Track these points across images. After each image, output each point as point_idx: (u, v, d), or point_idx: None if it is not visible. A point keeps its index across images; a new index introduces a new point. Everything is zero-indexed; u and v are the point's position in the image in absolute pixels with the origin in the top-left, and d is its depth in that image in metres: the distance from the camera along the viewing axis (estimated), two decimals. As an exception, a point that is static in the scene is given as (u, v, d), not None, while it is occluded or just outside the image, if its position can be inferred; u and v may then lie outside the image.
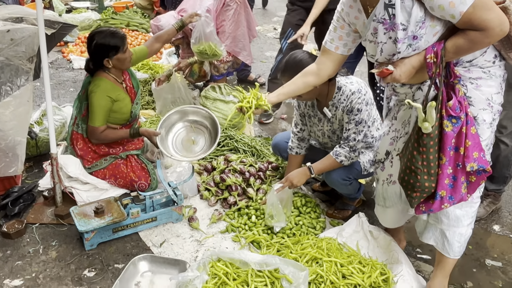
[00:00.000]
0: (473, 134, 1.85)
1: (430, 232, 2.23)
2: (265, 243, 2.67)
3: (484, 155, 1.87)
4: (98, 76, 2.97)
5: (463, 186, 1.93)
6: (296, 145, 2.96)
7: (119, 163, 3.11)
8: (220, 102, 4.03)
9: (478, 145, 1.86)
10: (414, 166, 1.93)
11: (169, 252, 2.65)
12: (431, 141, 1.86)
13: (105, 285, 2.37)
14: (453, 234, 2.14)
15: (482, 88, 1.92)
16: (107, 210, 2.67)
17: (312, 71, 2.32)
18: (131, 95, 3.12)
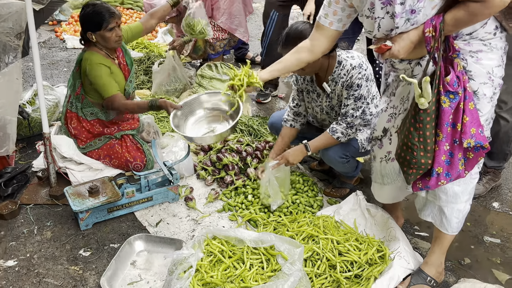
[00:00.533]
0: (471, 110, 1.83)
1: (428, 209, 2.23)
2: (261, 222, 2.69)
3: (482, 131, 1.86)
4: (89, 51, 2.95)
5: (460, 162, 1.92)
6: (291, 118, 2.95)
7: (113, 143, 3.10)
8: (216, 80, 4.00)
9: (476, 120, 1.84)
10: (410, 142, 1.93)
11: (165, 231, 2.67)
12: (427, 117, 1.84)
13: (100, 264, 2.39)
14: (451, 210, 2.14)
15: (482, 62, 1.89)
16: (102, 190, 2.67)
17: (305, 47, 2.28)
18: (124, 72, 3.09)
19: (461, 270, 2.47)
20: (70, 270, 2.35)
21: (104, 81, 2.89)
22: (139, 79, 4.60)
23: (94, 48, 2.95)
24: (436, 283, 2.27)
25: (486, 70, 1.90)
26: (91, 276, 2.31)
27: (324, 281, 2.18)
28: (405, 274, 2.32)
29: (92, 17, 2.84)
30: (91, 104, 3.05)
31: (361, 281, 2.21)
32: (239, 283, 1.93)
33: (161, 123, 3.88)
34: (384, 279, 2.21)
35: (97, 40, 2.90)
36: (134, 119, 3.29)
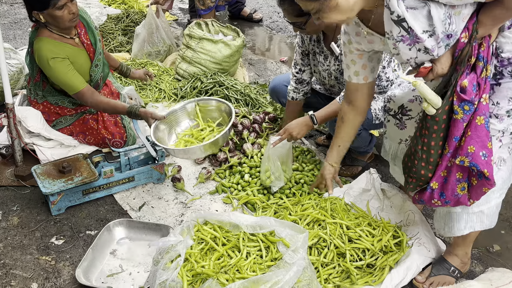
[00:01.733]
0: (478, 126, 1.80)
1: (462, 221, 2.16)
2: (260, 205, 2.70)
3: (486, 155, 1.81)
4: (39, 37, 2.78)
5: (460, 186, 1.92)
6: (292, 89, 2.94)
7: (87, 118, 3.07)
8: (207, 41, 3.96)
9: (480, 139, 1.81)
10: (414, 148, 1.96)
11: (150, 216, 2.69)
12: (435, 125, 1.84)
13: (76, 254, 2.42)
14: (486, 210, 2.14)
15: None
16: (75, 169, 2.67)
17: (350, 113, 2.31)
18: (89, 53, 2.96)
19: (490, 258, 2.50)
20: (41, 260, 2.38)
21: (64, 78, 2.78)
22: (116, 40, 4.55)
23: (46, 31, 2.79)
24: (460, 273, 2.30)
25: None
26: (65, 267, 2.34)
27: (332, 271, 2.21)
28: (425, 263, 2.35)
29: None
30: (55, 93, 2.97)
31: (374, 271, 2.24)
32: (234, 273, 1.95)
33: (143, 92, 3.87)
34: (401, 269, 2.24)
35: (47, 20, 2.74)
36: (113, 95, 3.24)
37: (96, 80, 3.01)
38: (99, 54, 2.98)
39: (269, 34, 5.33)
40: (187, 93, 3.76)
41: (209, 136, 2.86)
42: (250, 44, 5.04)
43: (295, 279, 1.84)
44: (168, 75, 4.11)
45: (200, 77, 3.85)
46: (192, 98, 3.70)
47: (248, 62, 4.62)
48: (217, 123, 2.95)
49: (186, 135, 2.94)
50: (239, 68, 4.34)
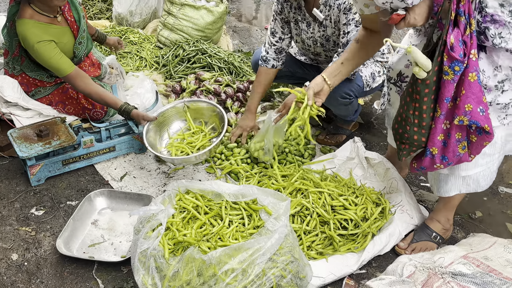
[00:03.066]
0: (471, 82, 1.78)
1: (449, 183, 2.21)
2: (244, 174, 2.71)
3: (483, 110, 1.81)
4: (21, 18, 2.68)
5: (461, 145, 1.92)
6: (272, 57, 2.89)
7: (67, 87, 3.01)
8: (189, 8, 3.88)
9: (475, 96, 1.80)
10: (405, 114, 1.95)
11: (132, 186, 2.68)
12: (425, 88, 1.83)
13: (56, 224, 2.41)
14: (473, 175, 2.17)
15: None
16: (53, 133, 2.63)
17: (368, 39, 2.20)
18: (73, 30, 2.91)
19: (472, 224, 2.55)
20: (20, 231, 2.37)
21: (52, 62, 2.72)
22: (96, 7, 4.45)
23: (28, 10, 2.69)
24: (442, 239, 2.35)
25: None
26: (45, 238, 2.34)
27: (315, 238, 2.24)
28: (407, 230, 2.39)
29: None
30: (34, 67, 2.90)
31: (357, 238, 2.27)
32: (216, 241, 1.97)
33: (124, 60, 3.81)
34: (383, 236, 2.28)
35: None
36: (94, 66, 3.17)
37: (80, 57, 2.98)
38: (83, 32, 2.93)
39: (254, 0, 5.25)
40: (169, 61, 3.71)
41: (203, 141, 2.81)
42: (234, 11, 4.96)
43: (277, 246, 1.85)
44: (150, 43, 4.04)
45: (182, 44, 3.80)
46: (173, 66, 3.66)
47: (232, 29, 4.56)
48: (209, 128, 2.89)
49: (178, 138, 2.88)
50: (223, 36, 4.28)
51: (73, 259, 2.21)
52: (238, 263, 1.79)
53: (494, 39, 1.80)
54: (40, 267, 2.19)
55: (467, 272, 1.83)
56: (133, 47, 3.90)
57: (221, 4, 3.98)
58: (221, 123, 2.80)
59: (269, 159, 2.74)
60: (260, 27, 4.64)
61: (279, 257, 1.87)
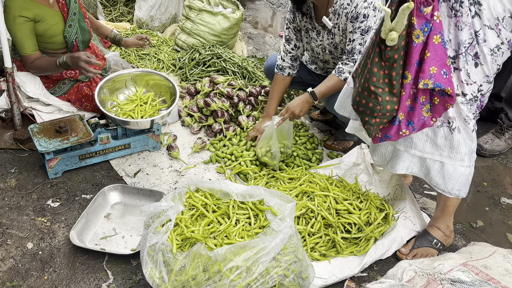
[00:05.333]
0: (435, 45, 1.72)
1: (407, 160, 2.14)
2: (253, 175, 2.70)
3: (446, 73, 1.75)
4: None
5: (425, 108, 1.85)
6: (288, 65, 2.89)
7: (81, 86, 3.03)
8: (206, 13, 3.89)
9: (440, 58, 1.74)
10: (374, 86, 1.83)
11: (144, 183, 2.69)
12: (395, 54, 1.75)
13: (71, 216, 2.42)
14: (452, 168, 2.09)
15: (497, 1, 1.76)
16: (71, 130, 2.65)
17: None
18: (63, 14, 2.89)
19: (473, 233, 2.51)
20: (36, 221, 2.38)
21: (17, 37, 2.75)
22: (117, 11, 4.48)
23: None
24: (443, 246, 2.32)
25: (496, 14, 1.78)
26: (59, 229, 2.35)
27: (319, 240, 2.23)
28: (409, 236, 2.36)
29: None
30: None
31: (360, 242, 2.26)
32: (222, 239, 1.96)
33: (142, 62, 3.83)
34: (386, 241, 2.26)
35: None
36: (98, 57, 3.16)
37: (71, 42, 2.93)
38: (73, 15, 2.90)
39: (270, 8, 5.26)
40: (185, 64, 3.72)
41: (151, 111, 2.82)
42: (250, 18, 4.97)
43: (281, 246, 1.85)
44: (167, 46, 4.06)
45: (199, 48, 3.81)
46: (189, 69, 3.67)
47: (247, 35, 4.56)
48: (160, 99, 2.92)
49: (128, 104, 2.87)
50: (238, 41, 4.29)
51: (85, 250, 2.22)
52: (242, 261, 1.78)
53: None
54: (53, 256, 2.20)
55: (466, 279, 1.80)
56: (151, 49, 3.92)
57: (237, 11, 3.99)
58: (172, 97, 2.88)
59: (277, 162, 2.73)
60: (274, 34, 4.63)
61: (282, 256, 1.86)
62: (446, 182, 2.08)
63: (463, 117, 1.94)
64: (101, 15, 4.36)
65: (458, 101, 1.90)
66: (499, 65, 1.89)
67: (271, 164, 2.73)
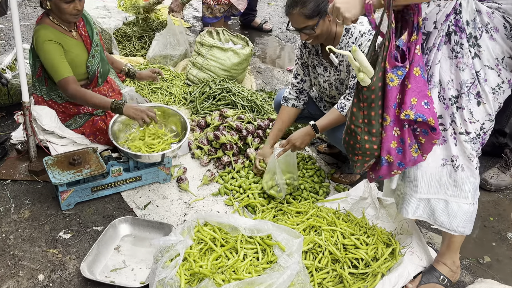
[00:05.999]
0: (416, 76, 1.74)
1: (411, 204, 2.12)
2: (260, 208, 2.69)
3: (428, 104, 1.75)
4: (40, 24, 2.81)
5: (413, 148, 1.88)
6: (294, 97, 2.92)
7: (96, 119, 3.06)
8: (217, 49, 3.95)
9: (419, 89, 1.75)
10: (354, 124, 1.87)
11: (154, 215, 2.68)
12: (372, 94, 1.77)
13: (82, 248, 2.42)
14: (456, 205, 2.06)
15: (494, 43, 1.78)
16: (85, 162, 2.66)
17: None
18: (86, 45, 2.97)
19: (480, 269, 2.46)
20: (48, 253, 2.38)
21: (53, 62, 2.77)
22: (132, 45, 4.57)
23: (47, 20, 2.82)
24: (450, 282, 2.27)
25: (496, 55, 1.80)
26: (71, 261, 2.34)
27: (326, 275, 2.19)
28: (416, 271, 2.32)
29: None
30: (57, 88, 2.92)
31: (367, 277, 2.22)
32: (230, 274, 1.94)
33: (155, 95, 3.87)
34: (392, 276, 2.22)
35: (52, 9, 2.76)
36: (115, 92, 3.22)
37: (93, 72, 2.98)
38: (96, 46, 2.97)
39: (278, 44, 5.32)
40: (196, 98, 3.75)
41: (163, 146, 2.85)
42: (259, 53, 5.03)
43: (289, 282, 1.83)
44: (179, 80, 4.11)
45: (209, 83, 3.85)
46: (200, 102, 3.70)
47: (256, 70, 4.61)
48: (172, 135, 2.95)
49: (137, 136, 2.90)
50: (247, 76, 4.33)
51: (95, 282, 2.20)
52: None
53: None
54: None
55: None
56: (164, 83, 3.97)
57: (247, 47, 4.05)
58: (183, 131, 2.93)
59: (283, 195, 2.72)
60: (283, 69, 4.68)
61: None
62: (451, 221, 2.06)
63: (467, 155, 1.93)
64: (116, 49, 4.44)
65: (462, 139, 1.90)
66: (501, 103, 1.90)
67: (278, 196, 2.72)
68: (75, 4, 2.73)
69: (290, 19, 2.51)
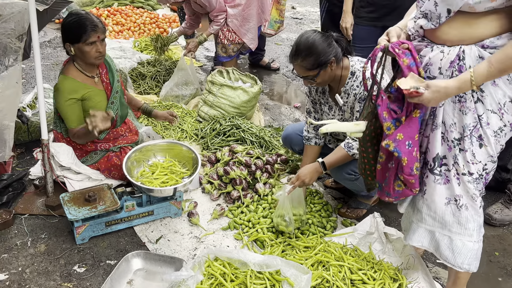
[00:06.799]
0: (413, 117, 1.80)
1: (416, 232, 2.13)
2: (269, 243, 2.68)
3: (410, 145, 1.80)
4: (64, 72, 2.91)
5: (396, 183, 1.93)
6: (313, 135, 2.94)
7: (111, 155, 3.11)
8: (227, 88, 4.03)
9: (410, 129, 1.79)
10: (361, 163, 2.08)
11: (166, 249, 2.68)
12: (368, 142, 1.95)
13: (95, 282, 2.41)
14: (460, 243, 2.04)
15: (497, 89, 1.78)
16: (99, 199, 2.69)
17: None
18: (107, 92, 3.04)
19: (487, 304, 2.42)
20: (63, 287, 2.38)
21: (65, 114, 2.88)
22: (146, 84, 4.66)
23: (71, 68, 2.91)
24: (456, 317, 2.23)
25: (498, 99, 1.79)
26: (84, 295, 2.34)
27: (334, 311, 2.17)
28: (423, 306, 2.28)
29: (72, 28, 2.77)
30: None
31: (374, 312, 2.19)
32: (240, 309, 1.93)
33: (167, 132, 3.93)
34: (400, 311, 2.19)
35: (76, 54, 2.85)
36: (132, 132, 3.29)
37: (112, 117, 3.02)
38: (115, 93, 3.05)
39: (285, 81, 5.41)
40: (207, 134, 3.80)
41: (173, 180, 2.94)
42: (267, 90, 5.10)
43: (297, 318, 1.81)
44: (191, 117, 4.17)
45: (220, 120, 3.91)
46: (211, 138, 3.75)
47: (265, 106, 4.67)
48: (185, 169, 3.05)
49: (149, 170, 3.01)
50: (256, 112, 4.39)
51: (107, 317, 2.19)
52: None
53: None
54: (77, 323, 2.18)
55: None
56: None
57: (255, 85, 4.12)
58: (194, 166, 2.97)
59: (292, 229, 2.71)
60: (290, 105, 4.74)
61: (299, 329, 1.81)
62: (456, 257, 2.04)
63: (470, 195, 1.93)
64: (131, 88, 4.54)
65: (465, 180, 1.90)
66: (503, 145, 1.90)
67: (287, 231, 2.72)
68: (97, 47, 2.82)
69: (294, 67, 2.58)
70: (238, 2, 4.44)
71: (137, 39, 5.86)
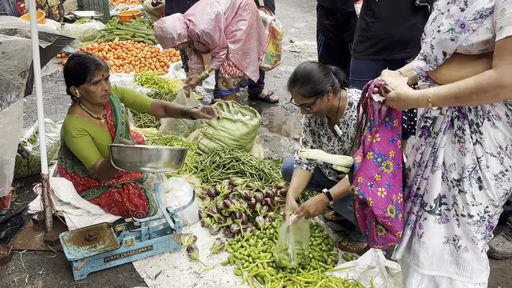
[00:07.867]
0: (367, 160, 1.89)
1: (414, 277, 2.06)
2: (269, 278, 2.64)
3: (372, 185, 1.85)
4: (71, 111, 2.93)
5: (377, 228, 1.94)
6: (306, 163, 2.94)
7: (113, 191, 3.11)
8: (227, 121, 4.05)
9: (368, 171, 1.87)
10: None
11: (165, 285, 2.64)
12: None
13: (92, 320, 2.36)
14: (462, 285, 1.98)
15: (497, 131, 1.74)
16: (99, 238, 2.67)
17: None
18: (111, 133, 3.06)
19: None
20: (59, 325, 2.33)
21: (81, 152, 2.87)
22: (147, 117, 4.69)
23: (77, 109, 2.92)
24: None
25: (498, 143, 1.75)
26: (81, 334, 2.28)
27: None
28: None
29: (76, 70, 2.77)
30: (82, 164, 2.99)
31: None
32: None
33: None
34: None
35: (82, 96, 2.84)
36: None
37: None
38: (119, 135, 3.06)
39: (284, 113, 5.44)
40: (207, 167, 3.80)
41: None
42: (266, 122, 5.13)
43: None
44: (191, 150, 4.18)
45: (219, 152, 3.91)
46: (210, 171, 3.74)
47: (264, 138, 4.68)
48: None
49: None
50: (255, 144, 4.40)
51: None
52: None
53: None
54: None
55: None
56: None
57: (255, 118, 4.14)
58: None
59: (295, 263, 2.67)
60: (289, 137, 4.75)
61: None
62: None
63: (471, 237, 1.86)
64: (131, 121, 4.57)
65: (464, 221, 1.84)
66: (506, 190, 1.80)
67: (290, 266, 2.67)
68: (102, 85, 2.83)
69: (291, 95, 2.62)
70: (238, 38, 4.51)
71: (138, 73, 5.93)
